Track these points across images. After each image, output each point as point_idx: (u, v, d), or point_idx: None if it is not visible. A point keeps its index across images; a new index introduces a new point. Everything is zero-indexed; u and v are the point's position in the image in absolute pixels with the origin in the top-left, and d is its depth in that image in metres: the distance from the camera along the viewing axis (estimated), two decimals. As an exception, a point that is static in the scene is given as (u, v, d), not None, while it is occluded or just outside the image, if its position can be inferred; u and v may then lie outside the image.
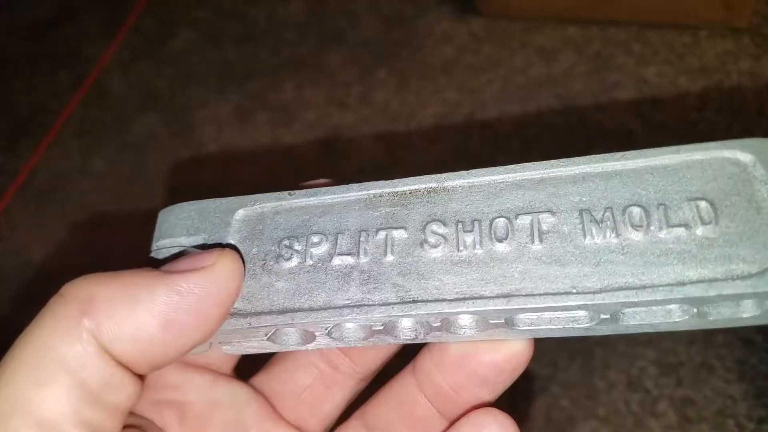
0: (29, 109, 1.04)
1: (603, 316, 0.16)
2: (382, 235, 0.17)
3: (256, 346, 0.18)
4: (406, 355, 0.22)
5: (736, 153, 0.17)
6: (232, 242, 0.18)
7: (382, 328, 0.17)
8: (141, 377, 0.16)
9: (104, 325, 0.14)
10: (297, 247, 0.18)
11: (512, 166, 0.18)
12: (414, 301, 0.16)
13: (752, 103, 0.82)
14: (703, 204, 0.16)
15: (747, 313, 0.15)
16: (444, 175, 0.18)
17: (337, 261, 0.17)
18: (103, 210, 0.90)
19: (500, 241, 0.16)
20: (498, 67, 0.90)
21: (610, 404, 0.65)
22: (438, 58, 0.93)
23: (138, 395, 0.15)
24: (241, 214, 0.19)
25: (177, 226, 0.20)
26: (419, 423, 0.20)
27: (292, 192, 0.19)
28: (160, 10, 1.11)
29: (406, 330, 0.17)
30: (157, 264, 0.17)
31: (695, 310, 0.16)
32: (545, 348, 0.69)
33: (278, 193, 0.19)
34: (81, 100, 1.02)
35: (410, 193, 0.18)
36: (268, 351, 0.19)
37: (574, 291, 0.15)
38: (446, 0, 0.98)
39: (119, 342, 0.14)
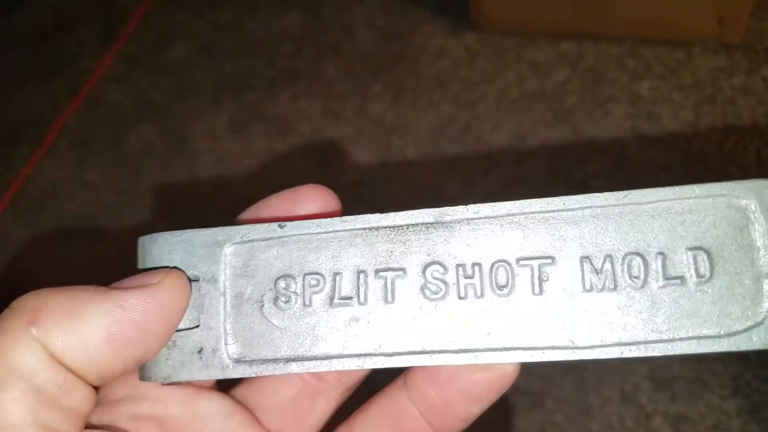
0: (24, 118, 1.04)
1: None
2: (381, 277, 0.17)
3: None
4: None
5: (740, 197, 0.16)
6: (223, 288, 0.18)
7: None
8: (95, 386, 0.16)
9: (51, 334, 0.15)
10: (294, 288, 0.17)
11: (512, 202, 0.17)
12: (417, 353, 0.16)
13: (745, 119, 0.82)
14: (701, 256, 0.16)
15: (703, 350, 0.16)
16: (443, 210, 0.17)
17: (338, 307, 0.17)
18: (97, 221, 0.90)
19: (501, 289, 0.16)
20: (492, 81, 0.91)
21: (604, 420, 0.65)
22: (433, 71, 0.94)
23: (94, 399, 0.16)
24: (231, 249, 0.18)
25: (162, 261, 0.19)
26: None
27: (282, 224, 0.18)
28: (157, 21, 1.11)
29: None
30: None
31: None
32: (539, 363, 0.69)
33: (268, 225, 0.18)
34: (76, 111, 1.02)
35: (408, 228, 0.17)
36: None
37: (572, 346, 0.16)
38: (441, 14, 0.98)
39: (67, 351, 0.15)
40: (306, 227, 0.18)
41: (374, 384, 0.24)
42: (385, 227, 0.17)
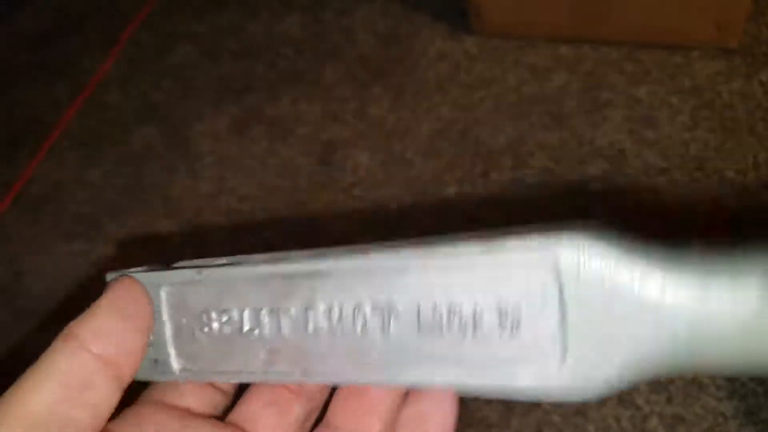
0: (27, 119, 1.04)
1: None
2: (274, 313, 0.21)
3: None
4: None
5: (553, 254, 0.17)
6: (165, 318, 0.22)
7: None
8: (120, 386, 0.20)
9: (88, 338, 0.19)
10: (214, 318, 0.21)
11: (379, 254, 0.20)
12: (304, 374, 0.20)
13: (743, 123, 0.83)
14: (509, 310, 0.17)
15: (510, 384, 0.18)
16: (323, 261, 0.20)
17: (246, 335, 0.21)
18: (98, 221, 0.90)
19: (359, 329, 0.20)
20: (491, 85, 0.92)
21: (601, 420, 0.65)
22: (432, 75, 0.94)
23: (116, 398, 0.19)
24: (166, 290, 0.22)
25: None
26: None
27: (200, 270, 0.22)
28: (159, 23, 1.12)
29: None
30: None
31: None
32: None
33: (189, 271, 0.22)
34: (78, 112, 1.03)
35: (297, 274, 0.21)
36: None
37: (393, 382, 0.20)
38: (441, 18, 0.99)
39: (100, 344, 0.19)
40: (218, 273, 0.22)
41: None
42: (278, 273, 0.21)
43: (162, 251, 0.85)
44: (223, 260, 0.22)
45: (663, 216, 0.76)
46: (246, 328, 0.21)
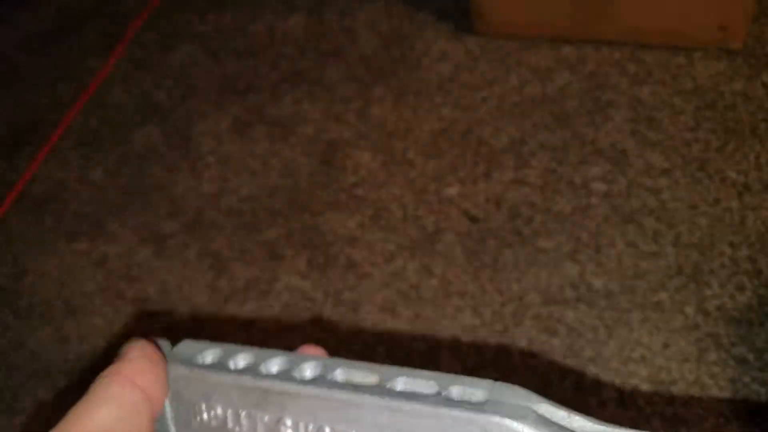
0: (29, 119, 1.05)
1: None
2: (252, 417, 0.25)
3: None
4: None
5: (488, 418, 0.20)
6: (167, 401, 0.26)
7: None
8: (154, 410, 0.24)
9: (132, 373, 0.23)
10: (204, 410, 0.26)
11: (341, 386, 0.23)
12: None
13: (745, 124, 0.83)
14: None
15: None
16: (294, 384, 0.24)
17: (228, 430, 0.25)
18: (101, 220, 0.90)
19: None
20: (494, 85, 0.92)
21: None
22: (435, 75, 0.94)
23: (152, 425, 0.24)
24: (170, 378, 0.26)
25: None
26: None
27: (193, 369, 0.26)
28: (161, 23, 1.12)
29: None
30: None
31: None
32: (537, 364, 0.69)
33: (186, 367, 0.26)
34: (81, 111, 1.03)
35: (272, 390, 0.24)
36: None
37: None
38: (443, 19, 0.99)
39: (140, 378, 0.23)
40: (207, 377, 0.25)
41: None
42: (259, 388, 0.24)
43: (163, 248, 0.86)
44: (218, 351, 0.25)
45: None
46: (229, 425, 0.25)
